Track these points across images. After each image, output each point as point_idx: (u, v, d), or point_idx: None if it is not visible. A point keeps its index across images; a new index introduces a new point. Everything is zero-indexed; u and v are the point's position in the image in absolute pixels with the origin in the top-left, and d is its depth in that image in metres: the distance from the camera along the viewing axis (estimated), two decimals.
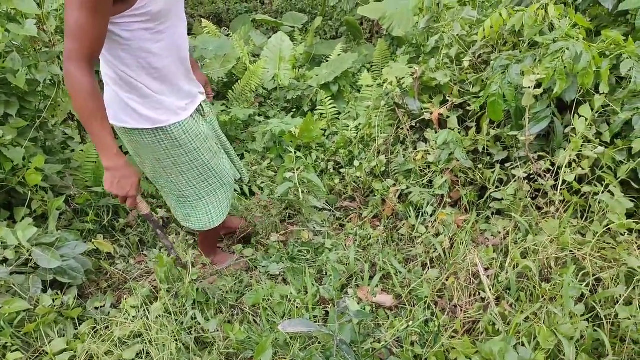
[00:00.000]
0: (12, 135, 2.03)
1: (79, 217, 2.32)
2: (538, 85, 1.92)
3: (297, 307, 1.65)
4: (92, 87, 1.34)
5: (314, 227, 2.32)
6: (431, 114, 2.42)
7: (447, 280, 1.72)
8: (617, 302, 1.44)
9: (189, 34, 3.39)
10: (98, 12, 1.26)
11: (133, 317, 1.73)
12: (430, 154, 2.35)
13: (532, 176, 1.96)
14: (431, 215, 2.15)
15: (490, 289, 1.57)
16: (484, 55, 2.41)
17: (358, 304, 1.62)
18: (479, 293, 1.63)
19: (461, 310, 1.57)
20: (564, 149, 1.90)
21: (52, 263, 1.73)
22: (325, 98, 3.41)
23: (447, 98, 2.42)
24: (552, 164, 1.92)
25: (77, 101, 1.35)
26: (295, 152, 2.42)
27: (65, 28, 1.30)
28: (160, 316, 1.67)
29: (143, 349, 1.59)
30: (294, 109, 3.71)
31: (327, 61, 3.99)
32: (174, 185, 1.81)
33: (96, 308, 1.84)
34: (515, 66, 2.06)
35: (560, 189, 1.83)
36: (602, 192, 1.71)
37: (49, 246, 1.78)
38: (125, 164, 1.51)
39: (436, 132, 2.38)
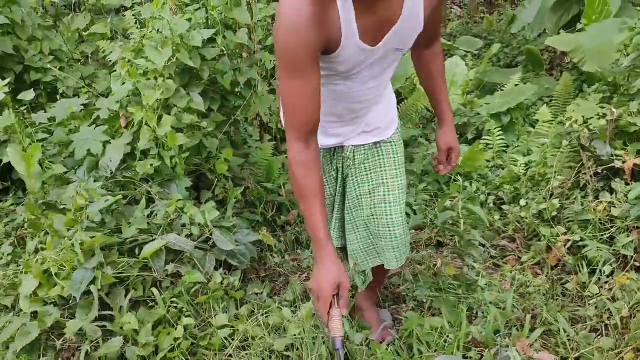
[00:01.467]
0: (212, 127, 2.32)
1: (249, 208, 2.56)
2: None
3: (447, 342, 1.59)
4: (300, 164, 1.22)
5: (470, 262, 2.22)
6: (624, 162, 2.16)
7: (624, 354, 1.51)
8: None
9: None
10: (295, 78, 1.11)
11: (286, 310, 1.84)
12: (615, 207, 2.10)
13: None
14: (608, 276, 1.92)
15: None
16: None
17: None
18: None
19: None
20: None
21: (228, 245, 1.93)
22: (494, 128, 3.25)
23: None
24: None
25: (289, 175, 1.27)
26: (462, 181, 2.35)
27: None
28: (311, 316, 1.75)
29: (292, 344, 1.68)
30: (457, 135, 3.61)
31: (501, 90, 3.80)
32: None
33: (255, 294, 2.01)
34: None
35: None
36: None
37: (227, 230, 1.99)
38: (324, 258, 1.24)
39: (627, 184, 2.12)
